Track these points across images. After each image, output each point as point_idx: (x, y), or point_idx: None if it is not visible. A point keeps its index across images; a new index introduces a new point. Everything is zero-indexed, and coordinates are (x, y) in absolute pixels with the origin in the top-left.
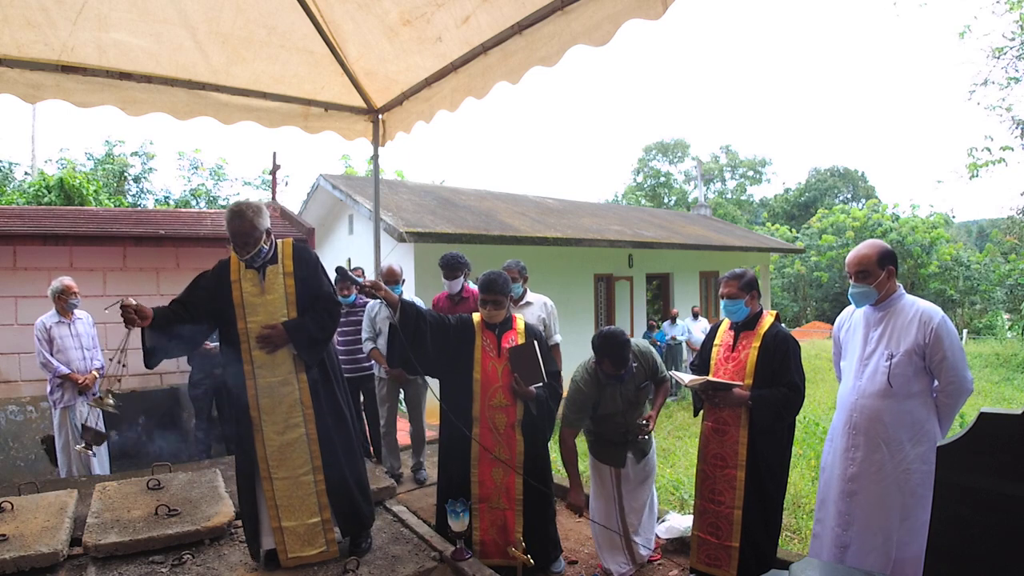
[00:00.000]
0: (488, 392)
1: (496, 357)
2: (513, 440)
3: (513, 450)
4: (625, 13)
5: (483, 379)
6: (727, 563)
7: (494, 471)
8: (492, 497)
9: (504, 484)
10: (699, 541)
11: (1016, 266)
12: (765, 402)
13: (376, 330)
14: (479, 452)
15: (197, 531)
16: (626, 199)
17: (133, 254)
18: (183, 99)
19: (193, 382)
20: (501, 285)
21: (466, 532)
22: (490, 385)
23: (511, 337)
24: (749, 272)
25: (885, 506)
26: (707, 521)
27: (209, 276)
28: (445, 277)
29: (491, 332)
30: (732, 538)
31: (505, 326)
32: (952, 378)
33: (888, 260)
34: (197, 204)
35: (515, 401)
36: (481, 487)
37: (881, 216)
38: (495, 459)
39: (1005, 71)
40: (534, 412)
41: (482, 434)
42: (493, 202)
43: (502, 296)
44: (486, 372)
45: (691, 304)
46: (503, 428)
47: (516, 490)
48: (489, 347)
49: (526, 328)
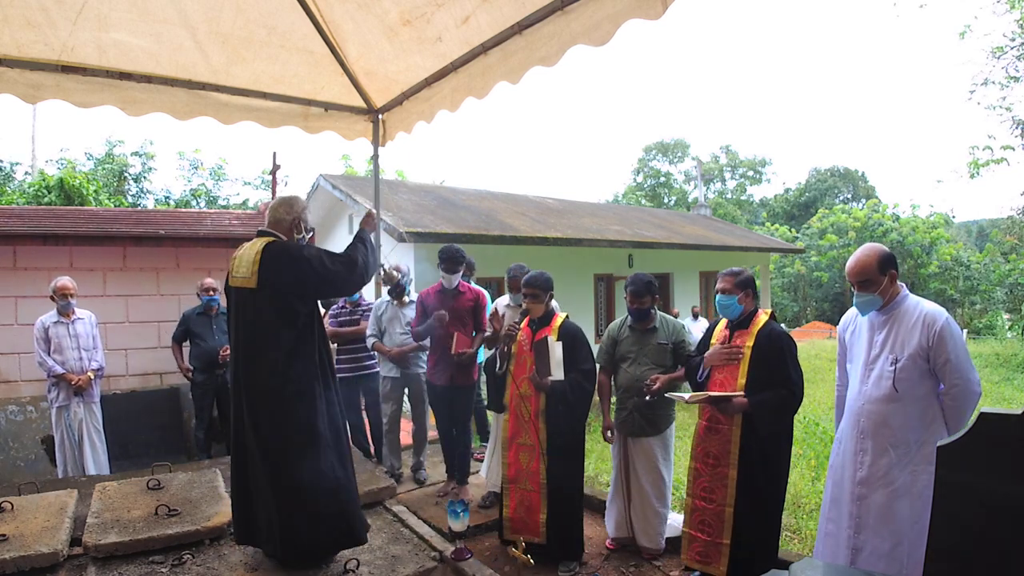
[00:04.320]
0: (517, 381)
1: (528, 351)
2: (536, 427)
3: (536, 437)
4: (625, 13)
5: (515, 370)
6: (718, 560)
7: (521, 454)
8: (520, 479)
9: (530, 468)
10: (690, 538)
11: (1016, 266)
12: (765, 406)
13: (381, 329)
14: (508, 436)
15: (197, 531)
16: (626, 199)
17: (133, 254)
18: (183, 99)
19: (194, 382)
20: (540, 281)
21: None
22: (519, 375)
23: (545, 333)
24: (747, 271)
25: (894, 509)
26: (698, 518)
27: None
28: (445, 270)
29: (530, 328)
30: (723, 535)
31: (543, 323)
32: (956, 380)
33: (888, 264)
34: (197, 204)
35: (537, 392)
36: (510, 468)
37: (882, 216)
38: (521, 444)
39: (1005, 71)
40: (560, 406)
41: (510, 420)
42: (493, 202)
43: (539, 291)
44: (518, 363)
45: (691, 304)
46: (528, 416)
47: (541, 474)
48: (525, 341)
49: (561, 326)
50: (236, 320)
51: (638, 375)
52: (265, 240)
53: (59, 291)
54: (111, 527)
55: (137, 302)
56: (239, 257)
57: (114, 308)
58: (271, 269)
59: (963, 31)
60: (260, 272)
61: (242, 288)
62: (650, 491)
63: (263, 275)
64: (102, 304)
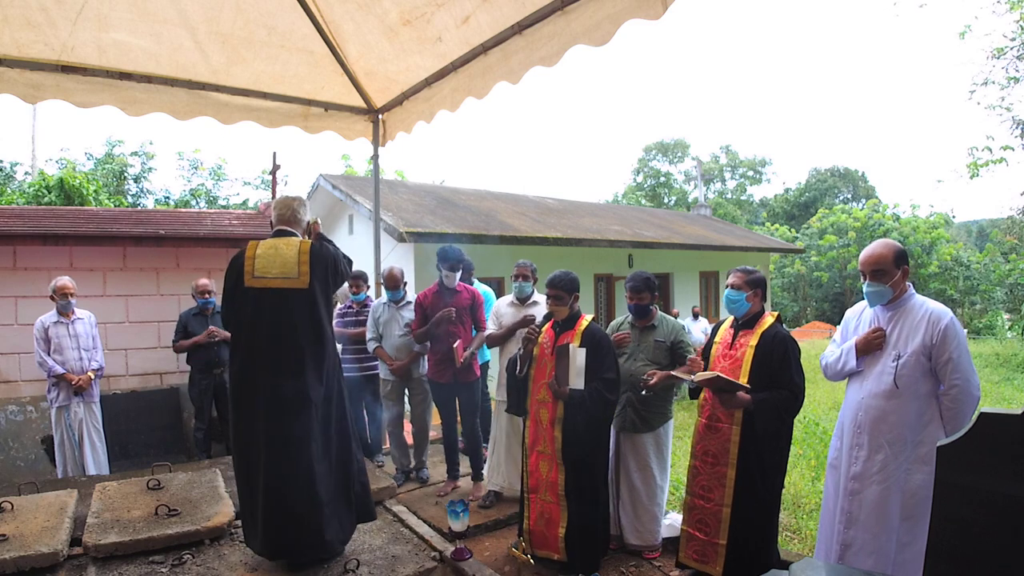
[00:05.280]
0: (537, 386)
1: (549, 355)
2: (552, 436)
3: (553, 446)
4: (625, 13)
5: (536, 375)
6: (714, 560)
7: (541, 463)
8: (540, 488)
9: (549, 478)
10: (687, 536)
11: (1016, 266)
12: (767, 406)
13: (379, 332)
14: (529, 443)
15: (197, 531)
16: (626, 199)
17: (133, 254)
18: (183, 99)
19: (193, 382)
20: (564, 282)
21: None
22: (539, 380)
23: (568, 337)
24: (760, 272)
25: (886, 505)
26: (696, 517)
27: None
28: (449, 269)
29: (553, 331)
30: (720, 535)
31: (567, 326)
32: (957, 380)
33: (903, 260)
34: (197, 204)
35: (555, 399)
36: (531, 477)
37: (882, 216)
38: (541, 452)
39: (1005, 71)
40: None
41: (531, 426)
42: (493, 202)
43: (562, 292)
44: (539, 368)
45: (691, 304)
46: (545, 423)
47: (560, 485)
48: (547, 344)
49: (585, 330)
50: (264, 321)
51: (633, 370)
52: (299, 240)
53: (59, 291)
54: (111, 527)
55: (137, 302)
56: (264, 256)
57: (114, 308)
58: (320, 268)
59: (963, 31)
60: (312, 271)
61: (282, 288)
62: (641, 488)
63: (315, 274)
64: (102, 304)
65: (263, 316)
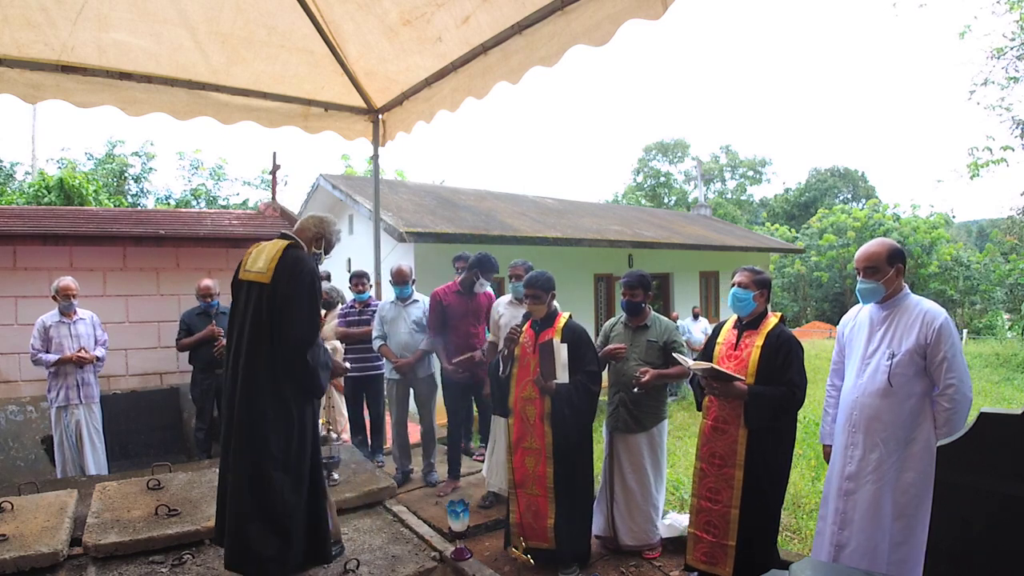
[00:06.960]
0: (521, 384)
1: (531, 353)
2: (542, 431)
3: (542, 441)
4: (625, 13)
5: (519, 373)
6: (723, 561)
7: (527, 459)
8: (526, 483)
9: (536, 472)
10: (695, 539)
11: (1016, 266)
12: (763, 399)
13: (385, 330)
14: (514, 440)
15: (197, 531)
16: (626, 199)
17: (133, 254)
18: (183, 99)
19: (195, 382)
20: (540, 282)
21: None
22: (523, 378)
23: (549, 335)
24: (767, 273)
25: (880, 505)
26: (704, 519)
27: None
28: (486, 277)
29: (532, 330)
30: (728, 537)
31: (546, 324)
32: (952, 380)
33: (897, 258)
34: (197, 204)
35: (542, 395)
36: (516, 473)
37: (882, 216)
38: (527, 448)
39: (1005, 71)
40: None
41: (516, 424)
42: (493, 202)
43: (540, 291)
44: (522, 366)
45: (691, 304)
46: (533, 419)
47: (548, 478)
48: (528, 343)
49: (564, 327)
50: (243, 313)
51: (625, 370)
52: (288, 243)
53: (62, 291)
54: (111, 527)
55: (137, 302)
56: (256, 252)
57: (114, 308)
58: (285, 271)
59: (963, 31)
60: (276, 270)
61: (255, 282)
62: (635, 489)
63: (278, 274)
64: (102, 304)
65: (243, 307)
